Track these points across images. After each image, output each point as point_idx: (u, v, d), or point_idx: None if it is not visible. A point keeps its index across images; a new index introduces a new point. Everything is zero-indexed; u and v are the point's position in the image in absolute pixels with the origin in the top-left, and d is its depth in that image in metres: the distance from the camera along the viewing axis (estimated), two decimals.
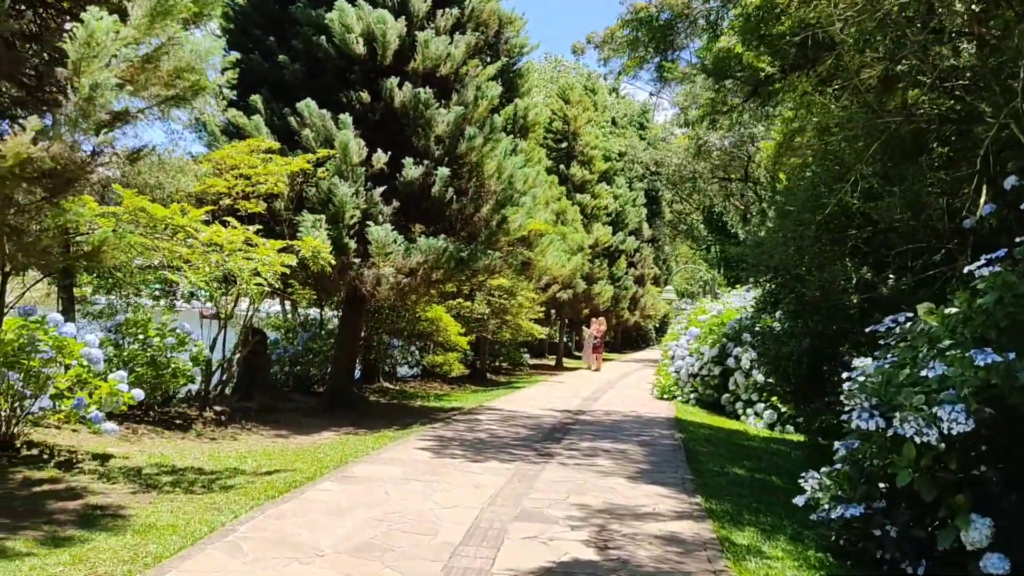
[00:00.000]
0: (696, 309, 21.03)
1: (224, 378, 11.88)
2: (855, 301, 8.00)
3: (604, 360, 31.33)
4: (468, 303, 18.87)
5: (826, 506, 6.08)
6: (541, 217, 20.56)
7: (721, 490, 8.08)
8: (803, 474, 7.30)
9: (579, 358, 33.86)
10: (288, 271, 9.02)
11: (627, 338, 48.94)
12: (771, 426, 14.56)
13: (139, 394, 8.61)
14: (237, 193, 10.58)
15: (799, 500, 6.07)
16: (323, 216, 11.39)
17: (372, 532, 5.82)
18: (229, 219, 8.06)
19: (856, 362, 6.30)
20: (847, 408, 5.97)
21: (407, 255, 11.92)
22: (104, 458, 8.31)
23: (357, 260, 11.78)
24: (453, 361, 16.96)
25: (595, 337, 28.00)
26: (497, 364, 26.33)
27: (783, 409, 14.49)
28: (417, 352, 18.97)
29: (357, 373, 18.11)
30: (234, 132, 12.40)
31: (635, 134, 43.28)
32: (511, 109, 14.37)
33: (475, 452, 9.41)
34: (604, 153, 32.86)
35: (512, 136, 14.57)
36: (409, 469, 8.17)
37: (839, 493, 5.73)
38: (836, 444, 5.98)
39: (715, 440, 12.03)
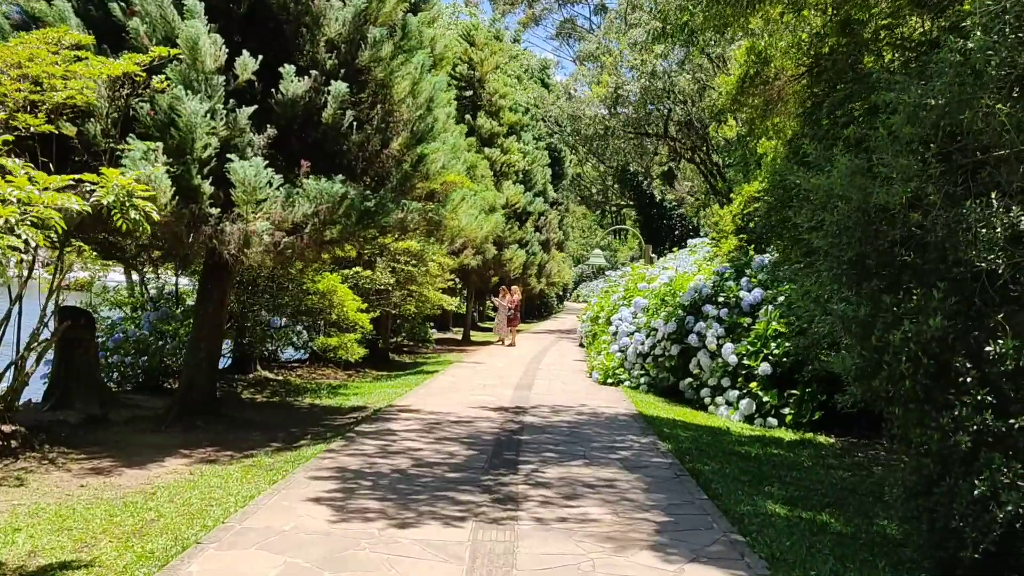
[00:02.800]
0: (633, 276, 18.21)
1: (15, 384, 8.09)
2: (1001, 260, 5.12)
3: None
4: (368, 272, 15.38)
5: None
6: (455, 168, 17.25)
7: (799, 561, 5.13)
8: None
9: (487, 330, 30.76)
10: (65, 223, 5.37)
11: (530, 307, 46.16)
12: (749, 419, 11.86)
13: None
14: (15, 104, 6.79)
15: None
16: (160, 144, 7.74)
17: None
18: None
19: None
20: None
21: (289, 204, 8.39)
22: None
23: (215, 211, 8.17)
24: (351, 344, 13.52)
25: (509, 308, 24.93)
26: (399, 341, 22.91)
27: (765, 398, 11.81)
28: (305, 332, 15.36)
29: (227, 361, 14.43)
30: (32, 25, 8.50)
31: (540, 90, 40.10)
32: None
33: (399, 502, 6.10)
34: (512, 104, 29.59)
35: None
36: (296, 555, 4.79)
37: None
38: None
39: (705, 447, 9.16)
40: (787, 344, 11.84)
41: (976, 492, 5.15)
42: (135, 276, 14.13)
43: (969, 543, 5.15)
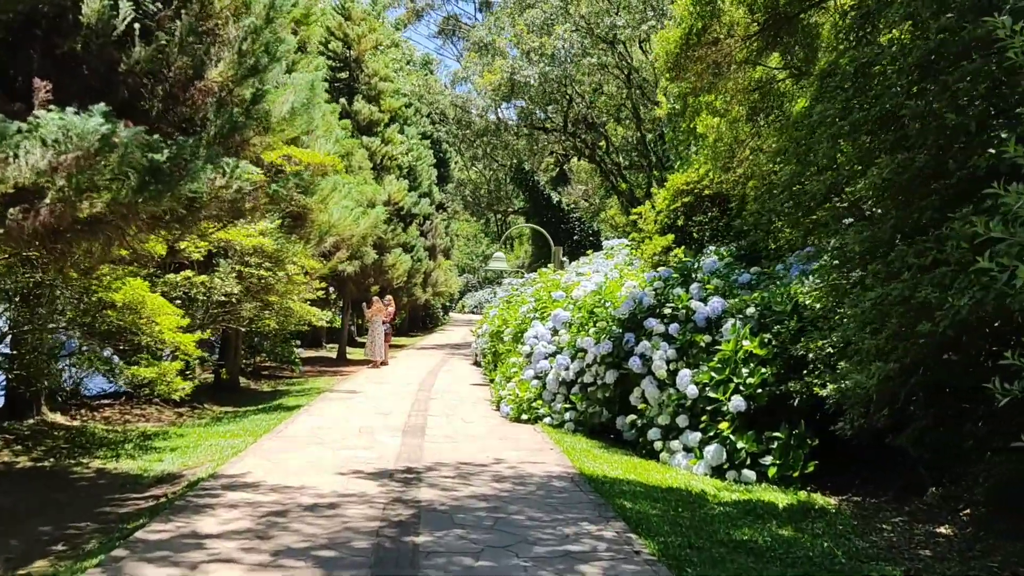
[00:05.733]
0: (544, 283, 15.07)
1: None
2: None
3: (394, 347, 24.77)
4: (203, 277, 11.56)
5: None
6: (324, 149, 13.65)
7: None
8: None
9: (364, 345, 26.89)
10: None
11: (416, 319, 42.50)
12: (718, 471, 8.88)
13: None
14: None
15: None
16: None
17: None
18: None
19: None
20: None
21: (5, 150, 4.72)
22: None
23: None
24: (172, 375, 9.66)
25: (385, 322, 21.19)
26: (258, 363, 18.97)
27: (739, 443, 8.84)
28: (116, 357, 11.35)
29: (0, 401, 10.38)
30: None
31: (425, 77, 36.62)
32: None
33: None
34: (395, 90, 26.03)
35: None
36: None
37: None
38: None
39: (691, 534, 6.07)
40: (764, 370, 8.94)
41: None
42: None
43: None
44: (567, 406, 11.15)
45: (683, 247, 13.49)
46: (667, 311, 10.44)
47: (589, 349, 10.83)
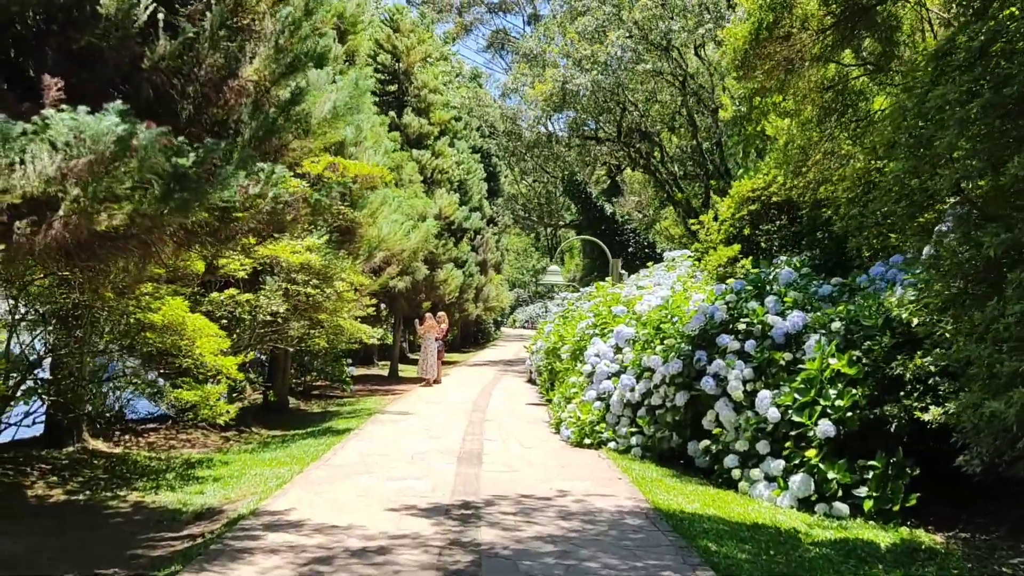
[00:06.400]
0: (603, 297, 14.28)
1: None
2: None
3: (446, 364, 24.16)
4: (249, 296, 11.06)
5: None
6: (372, 160, 13.15)
7: None
8: None
9: (416, 362, 26.31)
10: None
11: (467, 334, 41.94)
12: (805, 503, 8.00)
13: None
14: None
15: None
16: None
17: None
18: None
19: None
20: None
21: (11, 154, 4.19)
22: None
23: None
24: (214, 399, 9.13)
25: (437, 339, 20.50)
26: (309, 380, 18.52)
27: (829, 473, 7.95)
28: (160, 379, 10.90)
29: (40, 428, 9.99)
30: None
31: (475, 89, 36.17)
32: None
33: None
34: (445, 102, 25.56)
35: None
36: None
37: None
38: None
39: None
40: (854, 391, 8.05)
41: None
42: None
43: None
44: (633, 430, 10.34)
45: (750, 258, 12.67)
46: (741, 326, 9.59)
47: (657, 368, 10.03)
